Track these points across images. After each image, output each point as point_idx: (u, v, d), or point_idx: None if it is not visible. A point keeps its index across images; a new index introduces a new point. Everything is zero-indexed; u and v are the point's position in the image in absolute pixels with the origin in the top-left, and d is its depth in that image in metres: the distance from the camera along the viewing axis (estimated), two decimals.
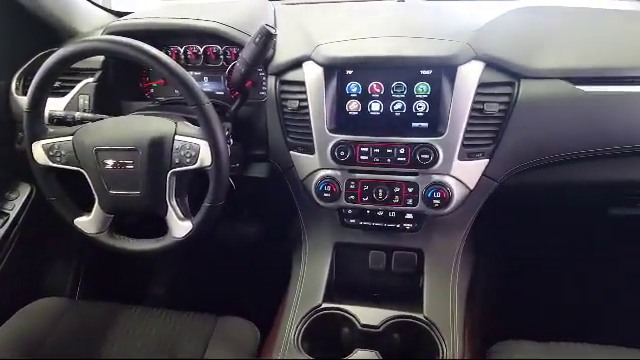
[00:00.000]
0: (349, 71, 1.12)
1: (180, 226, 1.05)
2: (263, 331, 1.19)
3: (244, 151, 1.24)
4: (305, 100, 1.13)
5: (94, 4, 1.58)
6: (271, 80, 1.19)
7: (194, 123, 1.05)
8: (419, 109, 1.10)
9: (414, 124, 1.11)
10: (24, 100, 1.05)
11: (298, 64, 1.15)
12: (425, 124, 1.11)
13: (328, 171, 1.16)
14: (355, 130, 1.12)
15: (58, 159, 1.06)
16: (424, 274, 1.18)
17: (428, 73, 1.08)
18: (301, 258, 1.27)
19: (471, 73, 1.05)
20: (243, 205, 1.73)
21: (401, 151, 1.09)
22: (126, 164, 1.03)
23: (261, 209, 1.76)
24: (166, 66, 0.97)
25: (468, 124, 1.06)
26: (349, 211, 1.19)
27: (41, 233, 1.55)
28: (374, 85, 1.11)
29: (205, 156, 1.00)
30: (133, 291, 1.85)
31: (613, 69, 1.07)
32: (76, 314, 1.24)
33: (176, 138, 1.02)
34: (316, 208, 1.20)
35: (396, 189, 1.12)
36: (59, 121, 1.19)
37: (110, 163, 1.03)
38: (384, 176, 1.13)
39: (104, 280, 1.75)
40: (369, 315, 1.10)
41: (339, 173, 1.15)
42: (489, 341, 1.12)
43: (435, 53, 1.07)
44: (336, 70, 1.12)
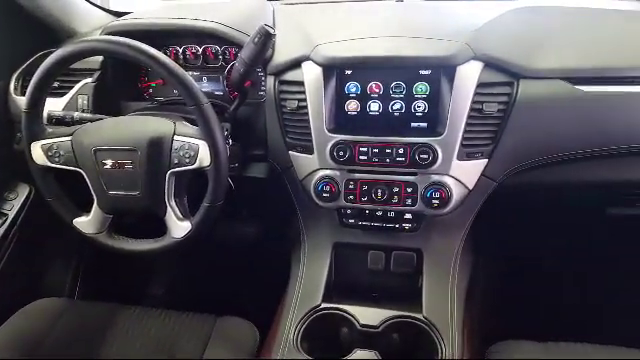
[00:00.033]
0: (348, 71, 1.11)
1: (179, 226, 1.05)
2: (262, 331, 1.19)
3: (243, 151, 1.24)
4: (304, 100, 1.13)
5: (93, 4, 1.57)
6: (270, 80, 1.18)
7: (193, 123, 1.04)
8: (418, 109, 1.10)
9: (413, 124, 1.11)
10: (23, 100, 1.05)
11: (297, 64, 1.15)
12: (424, 124, 1.11)
13: (327, 171, 1.15)
14: (354, 130, 1.12)
15: (57, 159, 1.06)
16: (423, 274, 1.18)
17: (427, 73, 1.08)
18: (300, 258, 1.27)
19: (470, 73, 1.05)
20: (242, 205, 1.73)
21: (400, 151, 1.09)
22: (125, 164, 1.03)
23: (260, 209, 1.76)
24: (165, 66, 0.97)
25: (467, 124, 1.06)
26: (348, 211, 1.19)
27: (40, 233, 1.55)
28: (373, 85, 1.11)
29: (204, 156, 1.00)
30: (132, 291, 1.85)
31: (613, 69, 1.07)
32: (75, 314, 1.24)
33: (175, 138, 1.01)
34: (315, 208, 1.20)
35: (395, 189, 1.12)
36: (58, 121, 1.18)
37: (109, 163, 1.03)
38: (383, 176, 1.13)
39: (103, 280, 1.75)
40: (368, 315, 1.10)
41: (338, 173, 1.15)
42: (488, 341, 1.12)
43: (434, 53, 1.07)
44: (335, 70, 1.12)
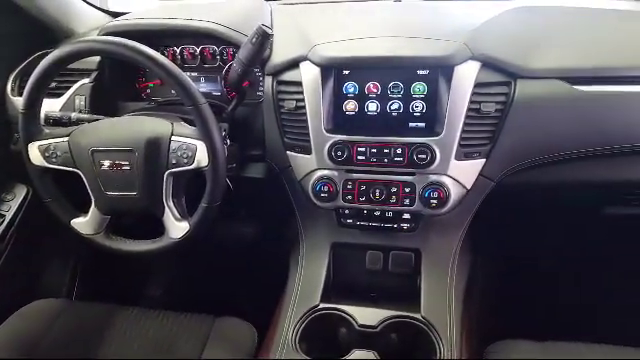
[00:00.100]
0: (346, 71, 1.11)
1: (177, 227, 1.05)
2: (260, 332, 1.19)
3: (241, 151, 1.24)
4: (302, 100, 1.13)
5: (90, 4, 1.57)
6: (268, 80, 1.18)
7: (191, 124, 1.04)
8: (416, 109, 1.10)
9: (411, 124, 1.11)
10: (20, 101, 1.05)
11: (295, 64, 1.15)
12: (422, 124, 1.11)
13: (325, 171, 1.15)
14: (352, 130, 1.12)
15: (54, 160, 1.06)
16: (421, 274, 1.18)
17: (425, 73, 1.08)
18: (298, 258, 1.27)
19: (468, 73, 1.05)
20: (240, 205, 1.73)
21: (398, 151, 1.09)
22: (122, 165, 1.03)
23: (258, 209, 1.76)
24: (162, 67, 0.96)
25: (465, 124, 1.06)
26: (346, 211, 1.18)
27: (37, 234, 1.54)
28: (371, 85, 1.11)
29: (202, 157, 1.00)
30: (130, 292, 1.85)
31: (610, 69, 1.07)
32: (73, 315, 1.24)
33: (173, 139, 1.01)
34: (313, 208, 1.20)
35: (393, 189, 1.12)
36: (55, 122, 1.18)
37: (106, 164, 1.03)
38: (381, 176, 1.13)
39: (101, 281, 1.74)
40: (366, 315, 1.10)
41: (336, 173, 1.15)
42: (486, 341, 1.12)
43: (432, 53, 1.07)
44: (333, 70, 1.12)
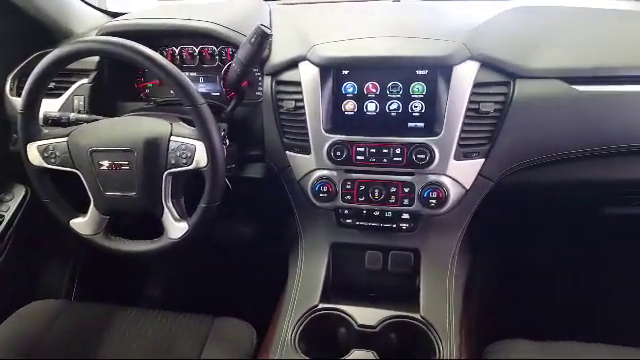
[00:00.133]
0: (345, 71, 1.12)
1: (176, 227, 1.05)
2: (260, 332, 1.19)
3: (240, 152, 1.24)
4: (301, 100, 1.13)
5: (89, 5, 1.57)
6: (267, 80, 1.18)
7: (190, 124, 1.04)
8: (415, 109, 1.10)
9: (410, 124, 1.11)
10: (18, 101, 1.05)
11: (294, 64, 1.15)
12: (421, 124, 1.11)
13: (324, 171, 1.15)
14: (351, 130, 1.12)
15: (53, 160, 1.06)
16: (420, 274, 1.18)
17: (424, 73, 1.08)
18: (297, 258, 1.27)
19: (467, 73, 1.05)
20: (239, 206, 1.73)
21: (397, 151, 1.09)
22: (121, 165, 1.03)
23: (257, 209, 1.75)
24: (161, 67, 0.96)
25: (464, 124, 1.06)
26: (345, 211, 1.18)
27: (36, 235, 1.54)
28: (370, 85, 1.11)
29: (201, 157, 0.99)
30: (129, 292, 1.84)
31: (608, 69, 1.07)
32: (72, 316, 1.24)
33: (172, 139, 1.01)
34: (312, 208, 1.20)
35: (392, 189, 1.12)
36: (54, 122, 1.18)
37: (105, 164, 1.03)
38: (380, 176, 1.13)
39: (100, 281, 1.74)
40: (366, 315, 1.10)
41: (335, 173, 1.15)
42: (486, 340, 1.12)
43: (431, 53, 1.07)
44: (332, 70, 1.12)
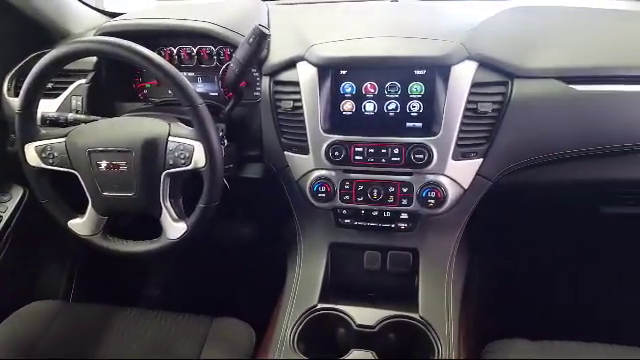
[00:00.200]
0: (343, 71, 1.12)
1: (174, 227, 1.05)
2: (258, 332, 1.19)
3: (238, 152, 1.24)
4: (299, 100, 1.13)
5: (87, 5, 1.57)
6: (265, 80, 1.18)
7: (188, 124, 1.04)
8: (413, 109, 1.10)
9: (408, 124, 1.11)
10: (16, 101, 1.04)
11: (292, 64, 1.15)
12: (419, 124, 1.11)
13: (323, 171, 1.15)
14: (349, 130, 1.12)
15: (51, 161, 1.06)
16: (419, 274, 1.18)
17: (422, 73, 1.08)
18: (296, 259, 1.27)
19: (465, 73, 1.05)
20: (238, 206, 1.73)
21: (395, 151, 1.09)
22: (119, 165, 1.02)
23: (256, 210, 1.75)
24: (159, 67, 0.96)
25: (462, 124, 1.06)
26: (344, 211, 1.19)
27: (34, 235, 1.54)
28: (368, 85, 1.11)
29: (199, 157, 0.99)
30: (128, 293, 1.84)
31: (606, 68, 1.08)
32: (70, 316, 1.23)
33: (170, 139, 1.01)
34: (311, 208, 1.20)
35: (391, 189, 1.12)
36: (52, 122, 1.18)
37: (103, 164, 1.03)
38: (379, 176, 1.13)
39: (98, 282, 1.74)
40: (365, 315, 1.10)
41: (334, 173, 1.15)
42: (484, 340, 1.12)
43: (429, 53, 1.07)
44: (330, 70, 1.12)
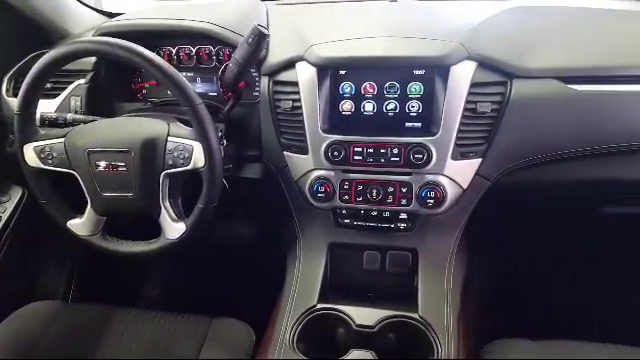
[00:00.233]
0: (342, 71, 1.11)
1: (174, 228, 1.05)
2: (258, 332, 1.19)
3: (237, 152, 1.24)
4: (298, 100, 1.13)
5: (85, 5, 1.56)
6: (264, 80, 1.18)
7: (187, 124, 1.04)
8: (412, 109, 1.10)
9: (407, 124, 1.11)
10: (15, 102, 1.04)
11: (291, 64, 1.15)
12: (418, 124, 1.11)
13: (322, 171, 1.15)
14: (348, 130, 1.12)
15: (50, 161, 1.05)
16: (418, 274, 1.18)
17: (421, 73, 1.08)
18: (295, 259, 1.27)
19: (464, 73, 1.05)
20: (237, 206, 1.73)
21: (395, 151, 1.09)
22: (119, 166, 1.02)
23: (255, 210, 1.75)
24: (158, 67, 0.96)
25: (461, 124, 1.06)
26: (343, 211, 1.18)
27: (33, 236, 1.53)
28: (367, 85, 1.11)
29: (198, 157, 0.99)
30: (127, 293, 1.84)
31: (605, 68, 1.08)
32: (69, 317, 1.23)
33: (169, 139, 1.01)
34: (310, 208, 1.20)
35: (390, 189, 1.12)
36: (51, 123, 1.17)
37: (102, 165, 1.03)
38: (378, 176, 1.13)
39: (97, 282, 1.74)
40: (364, 315, 1.10)
41: (333, 173, 1.15)
42: (484, 340, 1.12)
43: (428, 53, 1.07)
44: (329, 70, 1.12)
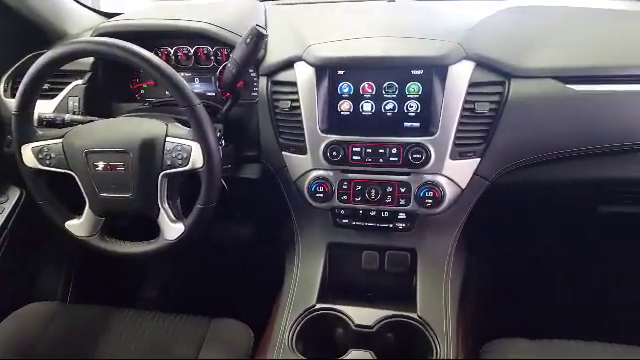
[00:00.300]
0: (340, 71, 1.11)
1: (172, 228, 1.05)
2: (257, 332, 1.19)
3: (236, 152, 1.24)
4: (297, 101, 1.13)
5: (83, 5, 1.56)
6: (262, 81, 1.18)
7: (185, 124, 1.04)
8: (411, 109, 1.10)
9: (406, 124, 1.11)
10: (12, 102, 1.04)
11: (289, 64, 1.15)
12: (417, 124, 1.11)
13: (320, 171, 1.15)
14: (347, 130, 1.12)
15: (48, 162, 1.05)
16: (417, 273, 1.18)
17: (419, 73, 1.08)
18: (294, 259, 1.27)
19: (462, 73, 1.05)
20: (235, 206, 1.73)
21: (393, 151, 1.09)
22: (117, 166, 1.02)
23: (253, 210, 1.75)
24: (156, 67, 0.96)
25: (459, 124, 1.06)
26: (342, 211, 1.18)
27: (31, 237, 1.53)
28: (366, 85, 1.11)
29: (197, 158, 0.99)
30: (125, 294, 1.84)
31: (603, 68, 1.08)
32: (68, 318, 1.23)
33: (167, 140, 1.01)
34: (309, 208, 1.20)
35: (389, 189, 1.12)
36: (49, 123, 1.17)
37: (100, 165, 1.03)
38: (376, 176, 1.13)
39: (96, 283, 1.74)
40: (363, 315, 1.10)
41: (331, 173, 1.15)
42: (482, 339, 1.12)
43: (426, 53, 1.07)
44: (328, 70, 1.12)
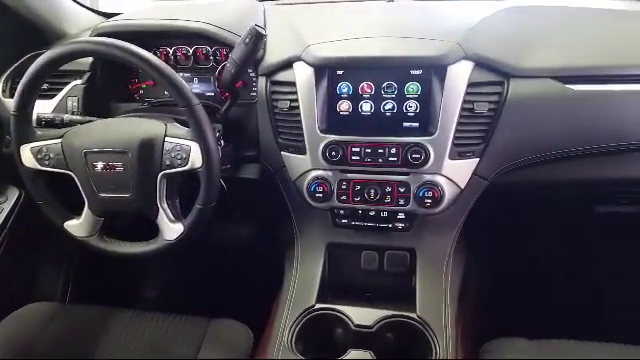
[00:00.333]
0: (339, 71, 1.12)
1: (171, 228, 1.05)
2: (256, 333, 1.19)
3: (235, 152, 1.24)
4: (296, 100, 1.13)
5: (82, 5, 1.56)
6: (262, 81, 1.18)
7: (184, 124, 1.04)
8: (410, 109, 1.10)
9: (405, 124, 1.12)
10: (11, 102, 1.04)
11: (288, 64, 1.15)
12: (416, 124, 1.11)
13: (320, 171, 1.15)
14: (346, 130, 1.12)
15: (47, 162, 1.05)
16: (416, 273, 1.18)
17: (418, 73, 1.08)
18: (293, 259, 1.27)
19: (461, 73, 1.05)
20: (235, 207, 1.73)
21: (392, 151, 1.10)
22: (116, 166, 1.02)
23: (253, 210, 1.75)
24: (155, 67, 0.96)
25: (458, 123, 1.06)
26: (341, 211, 1.19)
27: (30, 237, 1.53)
28: (365, 85, 1.11)
29: (196, 158, 0.99)
30: (124, 294, 1.84)
31: (602, 68, 1.08)
32: (67, 318, 1.23)
33: (166, 140, 1.01)
34: (308, 209, 1.20)
35: (388, 189, 1.12)
36: (47, 123, 1.17)
37: (99, 165, 1.02)
38: (376, 176, 1.13)
39: (95, 284, 1.73)
40: (362, 315, 1.10)
41: (331, 173, 1.15)
42: (482, 339, 1.13)
43: (425, 53, 1.07)
44: (327, 70, 1.12)
